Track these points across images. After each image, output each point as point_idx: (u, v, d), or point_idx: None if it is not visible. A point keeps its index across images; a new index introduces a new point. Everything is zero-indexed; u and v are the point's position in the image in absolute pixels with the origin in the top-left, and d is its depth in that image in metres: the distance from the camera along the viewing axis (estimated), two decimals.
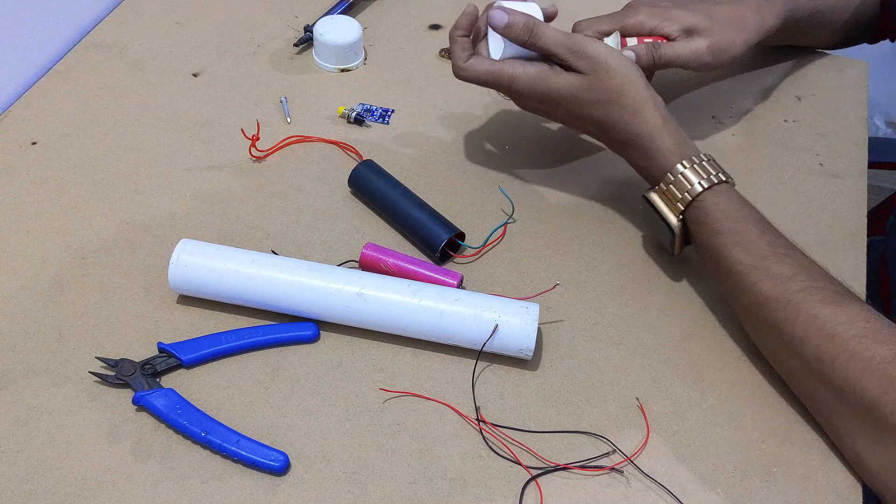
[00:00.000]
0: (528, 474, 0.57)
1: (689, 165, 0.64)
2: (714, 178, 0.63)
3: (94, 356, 0.61)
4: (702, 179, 0.63)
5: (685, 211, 0.64)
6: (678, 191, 0.64)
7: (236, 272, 0.62)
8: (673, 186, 0.64)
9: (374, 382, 0.61)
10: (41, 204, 0.72)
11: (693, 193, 0.63)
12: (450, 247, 0.69)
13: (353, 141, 0.79)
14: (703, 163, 0.64)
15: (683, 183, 0.63)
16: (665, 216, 0.65)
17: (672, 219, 0.65)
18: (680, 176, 0.64)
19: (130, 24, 0.91)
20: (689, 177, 0.63)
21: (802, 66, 0.92)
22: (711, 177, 0.63)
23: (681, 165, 0.64)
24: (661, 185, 0.65)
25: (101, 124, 0.80)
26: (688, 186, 0.63)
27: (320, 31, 0.86)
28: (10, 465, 0.55)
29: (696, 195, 0.63)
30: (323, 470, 0.56)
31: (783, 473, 0.58)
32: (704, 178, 0.63)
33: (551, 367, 0.63)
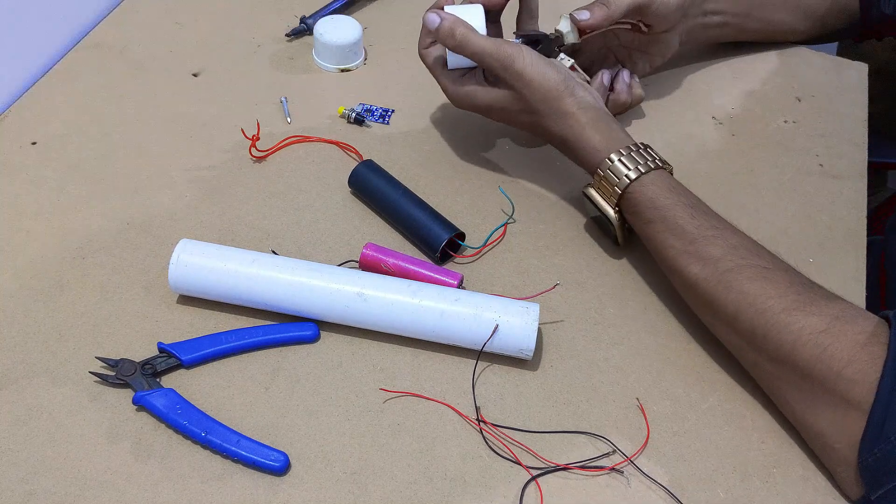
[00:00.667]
0: (528, 474, 0.57)
1: (617, 158, 0.65)
2: (643, 167, 0.64)
3: (94, 356, 0.61)
4: (630, 171, 0.64)
5: (619, 202, 0.66)
6: (609, 184, 0.65)
7: (236, 272, 0.62)
8: (604, 181, 0.66)
9: (375, 382, 0.61)
10: (41, 204, 0.72)
11: (622, 185, 0.64)
12: (450, 247, 0.69)
13: (353, 141, 0.79)
14: (633, 153, 0.65)
15: (612, 176, 0.65)
16: (602, 209, 0.67)
17: (609, 210, 0.67)
18: (609, 170, 0.65)
19: (130, 24, 0.91)
20: (618, 169, 0.65)
21: (802, 67, 0.92)
22: (640, 166, 0.64)
23: (608, 160, 0.65)
24: (595, 180, 0.67)
25: (101, 124, 0.79)
26: (617, 179, 0.65)
27: (320, 31, 0.85)
28: (10, 465, 0.55)
29: (626, 186, 0.64)
30: (323, 470, 0.56)
31: (783, 474, 0.58)
32: (632, 168, 0.64)
33: (551, 368, 0.63)
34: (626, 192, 0.65)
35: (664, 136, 0.83)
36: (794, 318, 0.56)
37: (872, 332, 0.55)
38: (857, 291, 0.70)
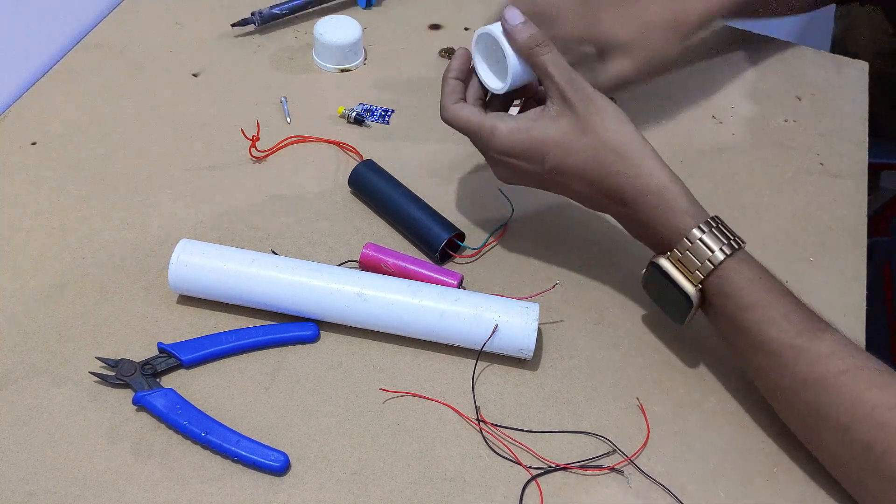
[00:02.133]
0: (528, 474, 0.57)
1: (707, 229, 0.56)
2: (734, 242, 0.56)
3: (94, 356, 0.61)
4: (723, 245, 0.56)
5: (705, 280, 0.56)
6: (696, 258, 0.56)
7: (236, 272, 0.62)
8: (690, 253, 0.56)
9: (375, 382, 0.61)
10: (41, 204, 0.72)
11: (715, 261, 0.56)
12: (450, 247, 0.69)
13: (353, 141, 0.79)
14: (720, 226, 0.57)
15: (703, 249, 0.56)
16: (682, 286, 0.57)
17: (690, 289, 0.57)
18: (699, 242, 0.56)
19: (130, 24, 0.91)
20: (707, 242, 0.56)
21: (802, 66, 0.92)
22: (731, 242, 0.56)
23: (698, 230, 0.56)
24: (674, 251, 0.57)
25: (101, 124, 0.79)
26: (708, 253, 0.56)
27: (320, 31, 0.85)
28: (10, 465, 0.55)
29: (719, 263, 0.56)
30: (323, 470, 0.56)
31: (784, 474, 0.58)
32: (725, 243, 0.56)
33: (551, 367, 0.63)
34: (717, 269, 0.56)
35: (664, 136, 0.83)
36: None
37: None
38: (857, 291, 0.70)
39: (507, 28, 0.61)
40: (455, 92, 0.64)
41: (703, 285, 0.57)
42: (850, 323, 0.67)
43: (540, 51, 0.60)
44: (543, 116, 0.60)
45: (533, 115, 0.61)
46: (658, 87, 0.88)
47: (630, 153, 0.58)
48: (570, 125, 0.59)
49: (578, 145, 0.59)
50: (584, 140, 0.59)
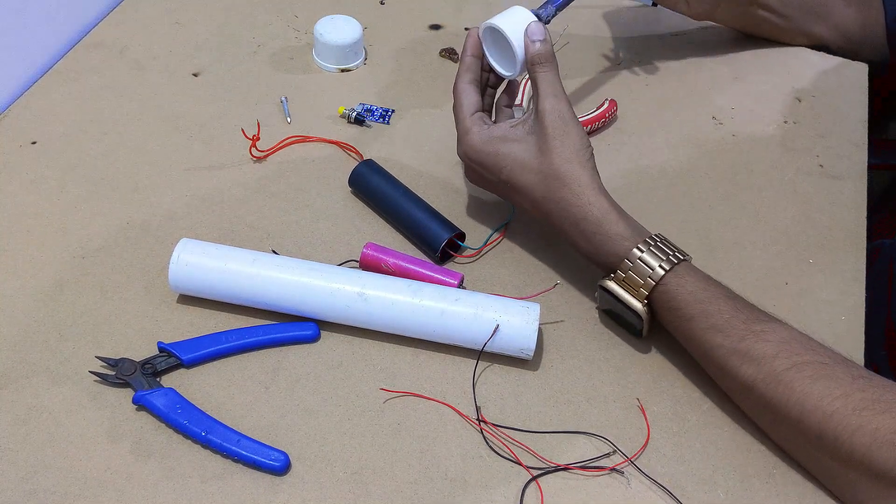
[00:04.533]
0: (528, 474, 0.57)
1: (646, 248, 0.59)
2: (673, 258, 0.59)
3: (94, 356, 0.61)
4: (662, 262, 0.59)
5: (649, 296, 0.60)
6: (639, 276, 0.59)
7: (237, 272, 0.62)
8: (632, 272, 0.60)
9: (375, 382, 0.61)
10: (41, 204, 0.72)
11: (656, 278, 0.59)
12: (450, 247, 0.69)
13: (354, 141, 0.79)
14: (659, 243, 0.60)
15: (644, 268, 0.59)
16: (629, 304, 0.61)
17: (637, 305, 0.60)
18: (638, 261, 0.59)
19: (130, 24, 0.91)
20: (647, 260, 0.59)
21: (802, 67, 0.92)
22: (671, 257, 0.59)
23: (637, 250, 0.59)
24: (618, 273, 0.61)
25: (101, 124, 0.79)
26: (649, 271, 0.59)
27: (320, 31, 0.86)
28: (10, 464, 0.55)
29: (660, 279, 0.59)
30: (323, 470, 0.56)
31: (783, 475, 0.58)
32: (664, 259, 0.59)
33: (552, 367, 0.63)
34: (659, 285, 0.59)
35: (664, 136, 0.83)
36: (866, 418, 0.52)
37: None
38: (856, 292, 0.70)
39: (526, 39, 0.64)
40: (470, 70, 0.68)
41: (648, 300, 0.60)
42: (850, 323, 0.67)
43: (541, 67, 0.64)
44: (516, 129, 0.65)
45: (509, 125, 0.65)
46: (659, 87, 0.89)
47: (573, 182, 0.62)
48: (534, 144, 0.63)
49: (532, 165, 0.63)
50: (538, 160, 0.63)
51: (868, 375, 0.55)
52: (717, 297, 0.58)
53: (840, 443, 0.53)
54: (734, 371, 0.57)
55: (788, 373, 0.55)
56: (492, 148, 0.65)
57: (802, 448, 0.57)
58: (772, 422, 0.58)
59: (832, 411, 0.53)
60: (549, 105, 0.63)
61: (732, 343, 0.57)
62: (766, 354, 0.56)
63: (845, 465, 0.53)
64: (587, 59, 0.91)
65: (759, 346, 0.56)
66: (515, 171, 0.64)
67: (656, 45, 0.94)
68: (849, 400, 0.53)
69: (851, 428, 0.52)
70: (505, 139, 0.64)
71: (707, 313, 0.58)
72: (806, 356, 0.56)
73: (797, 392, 0.54)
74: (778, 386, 0.55)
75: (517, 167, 0.64)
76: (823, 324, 0.67)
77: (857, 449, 0.52)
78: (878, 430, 0.51)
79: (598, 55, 0.92)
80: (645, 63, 0.92)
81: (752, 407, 0.59)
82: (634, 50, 0.93)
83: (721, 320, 0.57)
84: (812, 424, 0.54)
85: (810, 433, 0.54)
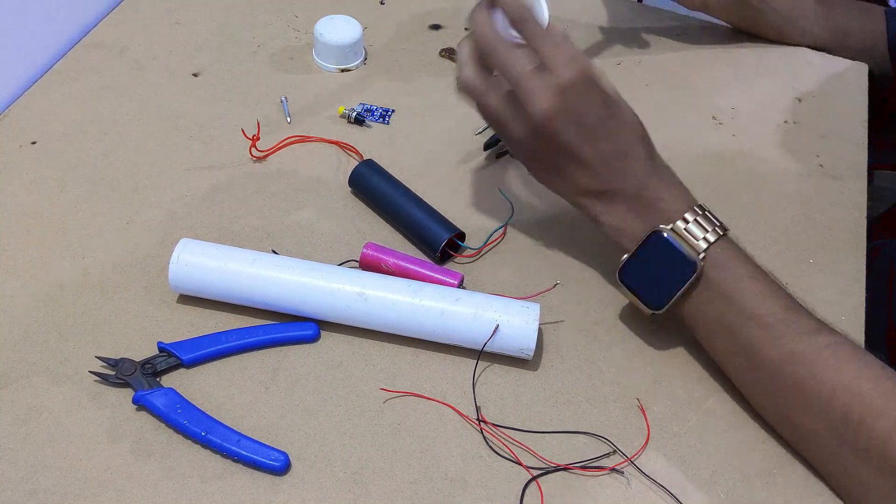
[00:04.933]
0: (528, 474, 0.57)
1: (693, 217, 0.59)
2: (719, 228, 0.59)
3: (94, 355, 0.61)
4: (716, 227, 0.59)
5: (710, 247, 0.58)
6: (700, 229, 0.59)
7: (236, 272, 0.62)
8: (693, 225, 0.59)
9: (375, 382, 0.61)
10: (41, 204, 0.72)
11: (719, 232, 0.59)
12: (450, 247, 0.69)
13: (354, 141, 0.79)
14: (706, 212, 0.60)
15: (703, 225, 0.59)
16: (686, 254, 0.58)
17: (694, 256, 0.58)
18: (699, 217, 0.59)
19: (130, 24, 0.91)
20: (710, 218, 0.59)
21: (802, 67, 0.92)
22: (717, 228, 0.59)
23: (695, 209, 0.59)
24: (677, 224, 0.59)
25: (101, 124, 0.79)
26: (709, 228, 0.59)
27: (320, 31, 0.86)
28: (10, 464, 0.55)
29: (721, 235, 0.59)
30: (323, 470, 0.56)
31: (783, 475, 0.58)
32: (718, 225, 0.59)
33: (552, 367, 0.63)
34: (720, 240, 0.58)
35: (664, 136, 0.83)
36: (892, 404, 0.52)
37: None
38: (856, 292, 0.70)
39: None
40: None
41: (705, 255, 0.58)
42: (850, 323, 0.67)
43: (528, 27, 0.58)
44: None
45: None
46: (658, 87, 0.89)
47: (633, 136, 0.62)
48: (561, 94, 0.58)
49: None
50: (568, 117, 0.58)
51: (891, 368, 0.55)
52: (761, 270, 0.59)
53: (863, 426, 0.52)
54: (776, 339, 0.56)
55: (827, 349, 0.55)
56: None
57: (820, 432, 0.55)
58: (795, 401, 0.56)
59: (862, 392, 0.53)
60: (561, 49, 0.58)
61: (780, 311, 0.57)
62: (808, 328, 0.56)
63: (860, 454, 0.53)
64: None
65: (802, 319, 0.56)
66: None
67: (656, 45, 0.94)
68: (878, 384, 0.53)
69: (877, 412, 0.52)
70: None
71: (758, 278, 0.58)
72: (843, 339, 0.56)
73: (831, 369, 0.54)
74: (815, 360, 0.55)
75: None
76: None
77: (878, 435, 0.52)
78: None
79: (598, 55, 0.92)
80: (645, 63, 0.92)
81: (779, 384, 0.57)
82: (634, 50, 0.93)
83: (770, 288, 0.58)
84: (839, 404, 0.53)
85: (835, 414, 0.54)
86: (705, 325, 0.60)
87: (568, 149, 0.60)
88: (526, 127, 0.59)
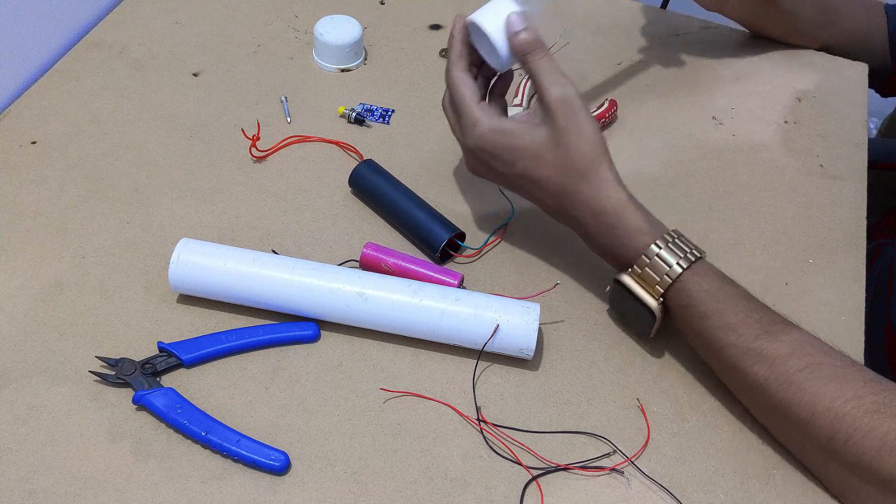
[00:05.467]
0: (528, 474, 0.57)
1: (664, 245, 0.59)
2: (690, 255, 0.59)
3: (94, 355, 0.61)
4: (679, 259, 0.58)
5: (665, 293, 0.59)
6: (655, 273, 0.59)
7: (237, 271, 0.62)
8: (649, 269, 0.59)
9: (375, 382, 0.61)
10: (41, 204, 0.72)
11: (673, 275, 0.58)
12: (450, 247, 0.69)
13: (354, 141, 0.79)
14: (676, 240, 0.59)
15: (661, 265, 0.58)
16: (644, 300, 0.60)
17: (652, 302, 0.59)
18: (656, 257, 0.58)
19: (130, 24, 0.91)
20: (665, 257, 0.58)
21: (802, 67, 0.92)
22: (688, 255, 0.59)
23: (655, 246, 0.59)
24: (634, 268, 0.60)
25: (101, 124, 0.79)
26: (666, 268, 0.58)
27: (320, 31, 0.86)
28: (9, 464, 0.55)
29: (677, 276, 0.58)
30: (323, 470, 0.56)
31: (782, 476, 0.58)
32: (682, 256, 0.58)
33: (552, 368, 0.63)
34: (675, 283, 0.58)
35: (664, 136, 0.83)
36: (877, 421, 0.52)
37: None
38: (856, 292, 0.70)
39: (508, 32, 0.61)
40: (463, 58, 0.64)
41: (664, 298, 0.59)
42: (850, 323, 0.67)
43: (533, 57, 0.61)
44: (526, 123, 0.62)
45: (518, 119, 0.63)
46: (659, 87, 0.89)
47: (592, 174, 0.60)
48: (546, 136, 0.60)
49: (548, 158, 0.61)
50: (554, 153, 0.60)
51: (879, 379, 0.55)
52: (732, 296, 0.58)
53: (850, 445, 0.52)
54: (746, 370, 0.56)
55: (801, 373, 0.54)
56: (505, 140, 0.62)
57: (810, 451, 0.56)
58: (781, 423, 0.57)
59: (844, 413, 0.53)
60: (556, 94, 0.60)
61: (746, 342, 0.56)
62: (779, 354, 0.55)
63: (853, 470, 0.53)
64: (587, 59, 0.91)
65: (772, 346, 0.56)
66: (530, 165, 0.61)
67: (656, 45, 0.94)
68: (861, 402, 0.53)
69: (863, 430, 0.52)
70: (516, 132, 0.62)
71: (722, 311, 0.57)
72: (819, 357, 0.55)
73: (809, 393, 0.54)
74: (790, 387, 0.55)
75: (532, 161, 0.61)
76: (823, 324, 0.67)
77: (867, 452, 0.52)
78: (889, 433, 0.51)
79: (598, 55, 0.92)
80: (645, 63, 0.92)
81: (762, 408, 0.58)
82: (634, 50, 0.93)
83: (736, 319, 0.57)
84: (823, 425, 0.53)
85: (821, 435, 0.54)
86: (694, 345, 0.62)
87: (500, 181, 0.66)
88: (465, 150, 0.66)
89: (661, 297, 0.59)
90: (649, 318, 0.61)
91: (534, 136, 0.61)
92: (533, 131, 0.61)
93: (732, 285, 0.59)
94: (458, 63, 0.64)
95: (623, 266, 0.61)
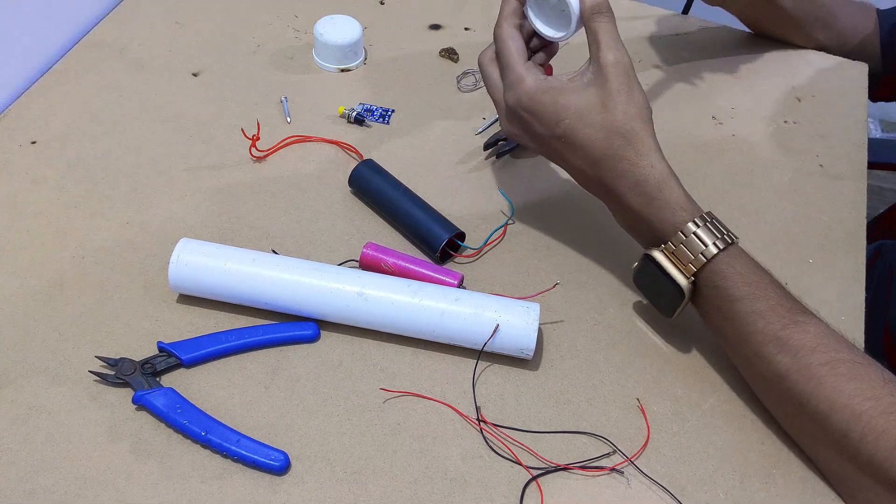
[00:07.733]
0: (528, 474, 0.57)
1: (702, 224, 0.58)
2: (728, 237, 0.58)
3: (93, 355, 0.61)
4: (716, 240, 0.57)
5: (697, 273, 0.58)
6: (690, 251, 0.57)
7: (236, 271, 0.62)
8: (684, 246, 0.58)
9: (375, 382, 0.61)
10: (41, 204, 0.72)
11: (708, 255, 0.57)
12: (450, 247, 0.69)
13: (354, 141, 0.79)
14: (714, 220, 0.58)
15: (697, 243, 0.57)
16: (674, 278, 0.58)
17: (683, 281, 0.58)
18: (693, 236, 0.57)
19: (130, 24, 0.91)
20: (702, 237, 0.57)
21: (802, 67, 0.92)
22: (725, 237, 0.58)
23: (692, 224, 0.58)
24: (668, 244, 0.59)
25: (101, 124, 0.79)
26: (702, 247, 0.57)
27: (320, 31, 0.86)
28: (9, 463, 0.55)
29: (712, 257, 0.57)
30: (323, 470, 0.56)
31: (782, 475, 0.58)
32: (718, 237, 0.57)
33: (552, 367, 0.63)
34: (710, 263, 0.57)
35: (664, 136, 0.83)
36: (893, 422, 0.51)
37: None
38: (856, 292, 0.70)
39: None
40: (515, 15, 0.63)
41: (695, 278, 0.58)
42: (849, 323, 0.67)
43: (599, 18, 0.60)
44: (574, 82, 0.60)
45: (564, 78, 0.61)
46: (658, 87, 0.89)
47: (637, 142, 0.59)
48: (595, 97, 0.59)
49: (595, 119, 0.59)
50: (601, 116, 0.59)
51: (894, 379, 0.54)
52: (764, 282, 0.57)
53: (864, 444, 0.52)
54: (769, 359, 0.56)
55: (823, 368, 0.54)
56: (550, 98, 0.60)
57: (822, 446, 0.56)
58: (795, 415, 0.57)
59: (861, 411, 0.52)
60: (613, 57, 0.59)
61: (774, 330, 0.56)
62: (803, 346, 0.55)
63: (864, 469, 0.53)
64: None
65: (798, 336, 0.55)
66: (575, 125, 0.59)
67: (656, 45, 0.94)
68: (879, 402, 0.52)
69: (878, 430, 0.52)
70: (564, 90, 0.60)
71: (753, 297, 0.56)
72: (842, 354, 0.55)
73: (828, 388, 0.54)
74: (810, 380, 0.54)
75: (577, 120, 0.59)
76: None
77: (880, 452, 0.52)
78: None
79: None
80: (645, 63, 0.92)
81: (778, 398, 0.58)
82: (634, 50, 0.93)
83: (765, 306, 0.56)
84: (839, 422, 0.53)
85: (835, 431, 0.54)
86: (713, 331, 0.61)
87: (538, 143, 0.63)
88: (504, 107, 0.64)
89: (693, 276, 0.58)
90: (678, 296, 0.59)
91: (581, 96, 0.59)
92: (581, 91, 0.59)
93: (764, 272, 0.59)
94: (511, 19, 0.63)
95: (655, 242, 0.60)
